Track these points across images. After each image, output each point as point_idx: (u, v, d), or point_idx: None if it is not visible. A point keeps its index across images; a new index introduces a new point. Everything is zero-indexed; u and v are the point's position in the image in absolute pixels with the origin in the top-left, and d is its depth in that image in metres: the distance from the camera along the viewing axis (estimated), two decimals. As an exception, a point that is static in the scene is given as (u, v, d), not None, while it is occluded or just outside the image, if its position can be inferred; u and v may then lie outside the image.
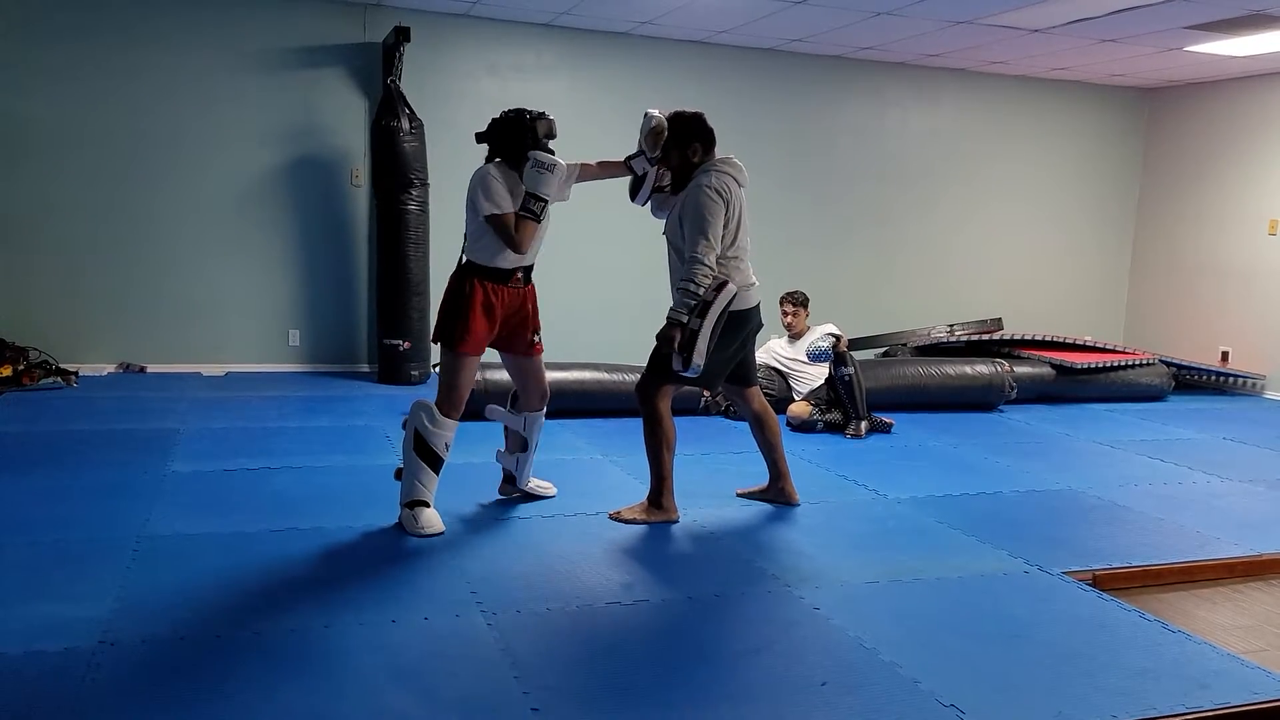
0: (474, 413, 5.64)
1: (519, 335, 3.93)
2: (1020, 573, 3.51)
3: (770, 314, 6.51)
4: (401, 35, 6.48)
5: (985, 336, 7.55)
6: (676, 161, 3.95)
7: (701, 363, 3.73)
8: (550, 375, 5.86)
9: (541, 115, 3.82)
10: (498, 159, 3.82)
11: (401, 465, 3.77)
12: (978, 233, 8.73)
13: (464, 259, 3.82)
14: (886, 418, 5.95)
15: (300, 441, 5.02)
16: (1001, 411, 6.71)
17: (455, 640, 2.78)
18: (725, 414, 6.13)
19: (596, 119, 7.54)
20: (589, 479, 4.56)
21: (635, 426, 5.71)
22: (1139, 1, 5.87)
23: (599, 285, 7.68)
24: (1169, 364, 7.67)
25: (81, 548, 3.37)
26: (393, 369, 6.76)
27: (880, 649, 2.82)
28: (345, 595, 3.06)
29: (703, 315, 3.75)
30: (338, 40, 6.92)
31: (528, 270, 3.95)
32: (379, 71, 6.87)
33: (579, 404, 5.92)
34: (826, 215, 8.20)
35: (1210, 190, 8.48)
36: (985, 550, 3.74)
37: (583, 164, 4.08)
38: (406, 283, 6.72)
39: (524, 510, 4.00)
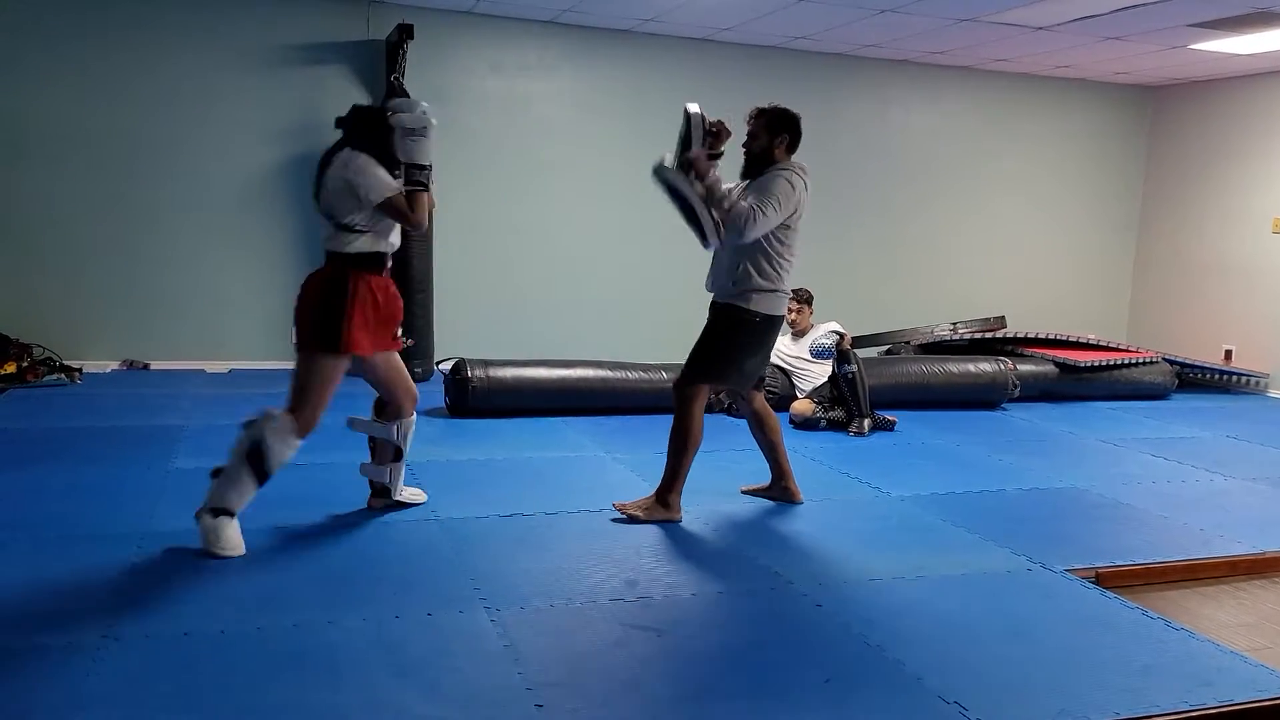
0: (491, 411, 5.66)
1: (389, 329, 3.58)
2: (1023, 570, 3.51)
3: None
4: (404, 33, 6.48)
5: (988, 334, 7.55)
6: (760, 146, 3.92)
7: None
8: (554, 373, 5.92)
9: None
10: (356, 148, 3.45)
11: (223, 465, 3.38)
12: (981, 230, 8.72)
13: (332, 251, 3.47)
14: (889, 415, 5.94)
15: (307, 438, 5.00)
16: (1005, 409, 6.70)
17: (458, 636, 2.78)
18: (728, 412, 6.12)
19: (600, 116, 7.54)
20: (592, 476, 4.56)
21: (638, 424, 5.74)
22: (1143, -1, 5.87)
23: (602, 283, 7.68)
24: (1172, 362, 7.66)
25: (84, 543, 3.38)
26: (396, 366, 6.76)
27: (884, 646, 2.82)
28: (348, 591, 3.07)
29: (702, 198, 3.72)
30: (340, 38, 6.92)
31: (391, 258, 3.61)
32: (382, 69, 6.87)
33: (582, 402, 5.92)
34: (830, 213, 8.16)
35: (1214, 188, 8.47)
36: (988, 548, 3.74)
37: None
38: (410, 280, 6.71)
39: (527, 507, 4.00)
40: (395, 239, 3.59)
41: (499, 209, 7.37)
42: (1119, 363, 7.24)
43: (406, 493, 3.99)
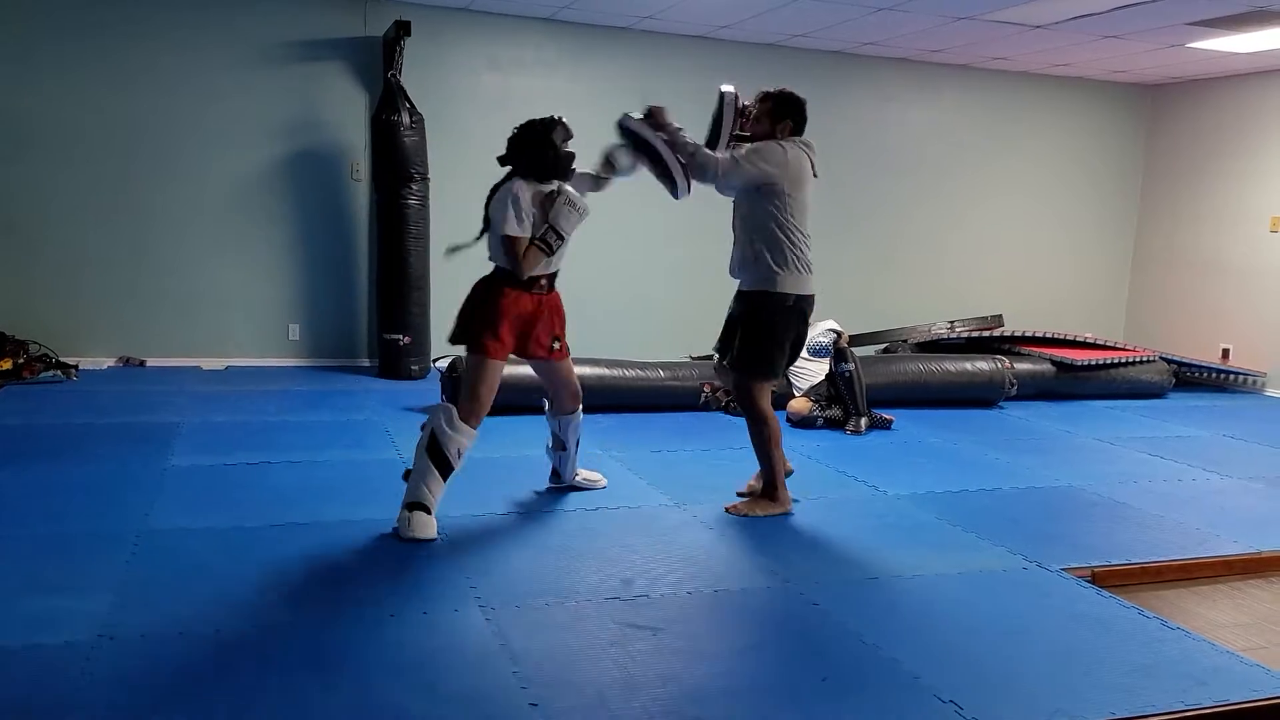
0: (489, 407, 5.65)
1: (537, 340, 3.85)
2: (1019, 569, 3.51)
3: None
4: (402, 29, 6.47)
5: (986, 333, 7.55)
6: (763, 130, 3.94)
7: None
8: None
9: (556, 121, 3.87)
10: (520, 176, 3.82)
11: (411, 466, 3.65)
12: (978, 229, 8.72)
13: (496, 265, 3.84)
14: (887, 414, 5.94)
15: (300, 436, 5.02)
16: (1002, 408, 6.70)
17: (454, 635, 2.78)
18: (725, 410, 6.12)
19: (597, 114, 7.50)
20: (589, 474, 4.55)
21: (635, 422, 5.74)
22: (1141, -3, 5.87)
23: (599, 281, 7.67)
24: (1169, 361, 7.66)
25: (81, 541, 3.37)
26: (392, 364, 6.76)
27: (880, 645, 2.82)
28: (344, 590, 3.06)
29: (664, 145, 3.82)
30: (338, 34, 6.90)
31: (552, 277, 3.94)
32: (379, 66, 6.86)
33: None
34: (827, 211, 8.13)
35: (1211, 187, 8.47)
36: (985, 546, 3.74)
37: (592, 174, 4.13)
38: (406, 278, 6.72)
39: (524, 505, 4.00)
40: (557, 262, 3.87)
41: (496, 206, 7.36)
42: (1116, 361, 7.25)
43: (583, 476, 4.27)
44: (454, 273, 7.15)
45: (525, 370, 5.83)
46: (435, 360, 6.84)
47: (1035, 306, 8.77)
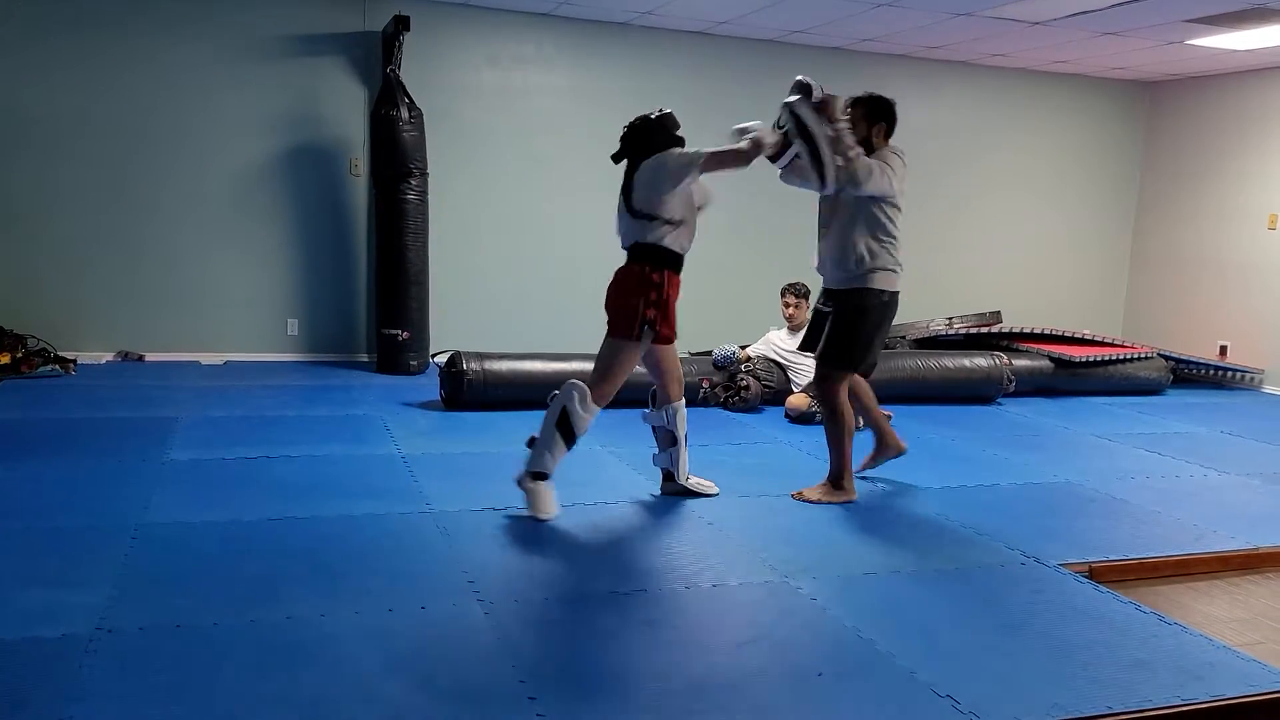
0: (487, 403, 5.66)
1: (672, 321, 3.91)
2: (1017, 564, 3.52)
3: (771, 305, 6.52)
4: (401, 24, 6.46)
5: (984, 329, 7.55)
6: (860, 135, 4.02)
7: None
8: (550, 366, 5.91)
9: (667, 112, 3.98)
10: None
11: (536, 435, 3.82)
12: (977, 225, 8.72)
13: (639, 248, 3.84)
14: (885, 410, 5.92)
15: (299, 430, 5.02)
16: (1000, 404, 6.71)
17: (452, 629, 2.78)
18: (724, 405, 6.13)
19: (597, 110, 7.52)
20: (588, 470, 4.55)
21: (634, 417, 5.71)
22: (1141, -6, 5.87)
23: (599, 276, 7.64)
24: (1167, 358, 7.67)
25: (79, 535, 3.37)
26: (391, 359, 6.76)
27: (877, 640, 2.82)
28: (342, 584, 3.07)
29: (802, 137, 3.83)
30: (337, 29, 6.90)
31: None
32: (379, 61, 6.86)
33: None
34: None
35: (1210, 184, 8.47)
36: (982, 542, 3.75)
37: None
38: (405, 273, 6.71)
39: (522, 500, 3.99)
40: (688, 243, 3.90)
41: (495, 202, 7.37)
42: (1114, 358, 7.25)
43: (695, 481, 4.20)
44: (452, 268, 7.20)
45: (534, 366, 5.88)
46: (434, 355, 6.85)
47: (1033, 303, 8.78)
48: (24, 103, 6.39)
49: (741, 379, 6.11)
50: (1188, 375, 7.97)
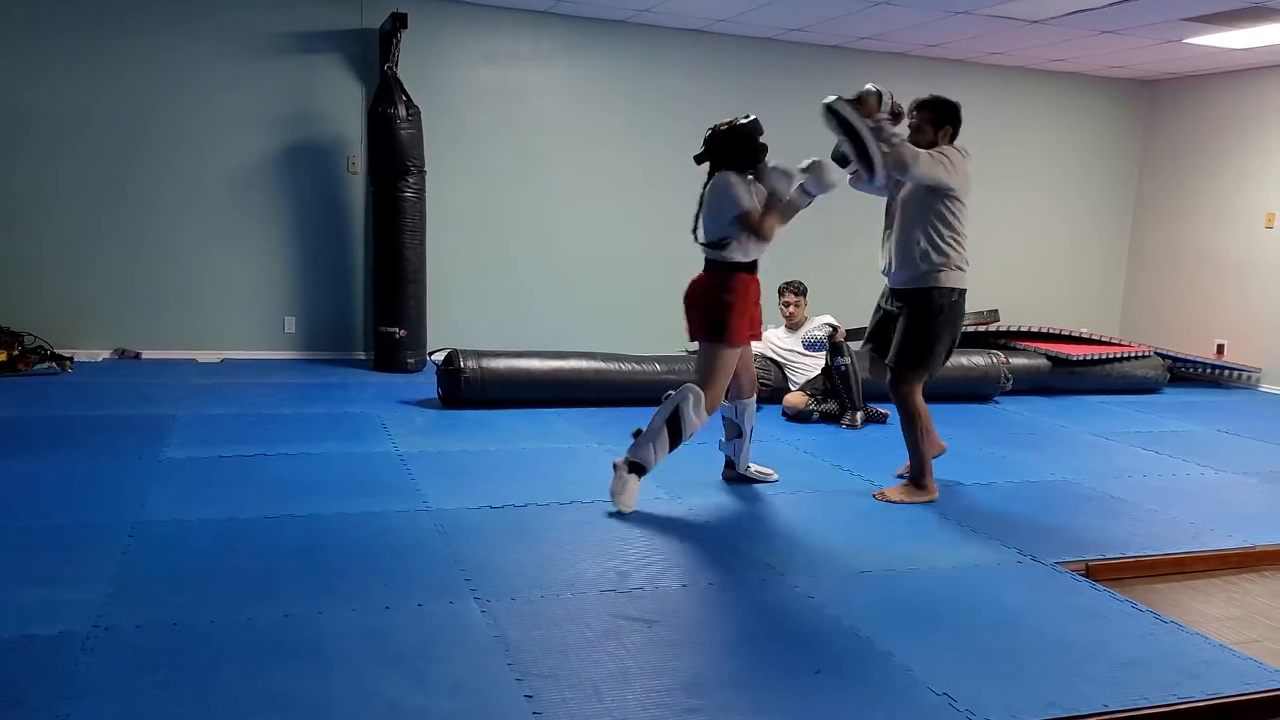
0: (484, 402, 5.66)
1: (753, 322, 4.06)
2: (1014, 563, 3.52)
3: (769, 303, 6.51)
4: (398, 22, 6.46)
5: (981, 328, 7.55)
6: (927, 140, 4.10)
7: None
8: (547, 364, 5.92)
9: (753, 119, 4.07)
10: (723, 169, 3.99)
11: (643, 428, 3.93)
12: (975, 223, 8.62)
13: (715, 258, 3.98)
14: (881, 408, 5.94)
15: (295, 428, 5.01)
16: (997, 403, 6.71)
17: (449, 627, 2.78)
18: (721, 404, 6.12)
19: (594, 107, 7.52)
20: (585, 468, 4.55)
21: (631, 416, 5.70)
22: (1138, -8, 5.87)
23: (597, 274, 7.68)
24: (1164, 356, 7.68)
25: (76, 532, 3.37)
26: (388, 356, 6.75)
27: (874, 638, 2.82)
28: (339, 582, 3.06)
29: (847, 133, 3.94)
30: (334, 26, 6.89)
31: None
32: (376, 58, 6.85)
33: (576, 393, 5.91)
34: (824, 205, 8.14)
35: (1207, 183, 8.48)
36: (979, 540, 3.75)
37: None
38: (403, 270, 6.71)
39: (519, 498, 4.00)
40: (756, 250, 4.03)
41: (492, 199, 7.36)
42: (1111, 356, 7.26)
43: (755, 468, 4.40)
44: (449, 266, 7.19)
45: (532, 364, 5.88)
46: (431, 353, 6.84)
47: (1031, 301, 8.77)
48: (22, 101, 6.38)
49: (739, 377, 6.10)
50: (1185, 374, 7.98)
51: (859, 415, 5.76)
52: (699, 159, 4.07)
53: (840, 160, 4.11)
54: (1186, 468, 5.08)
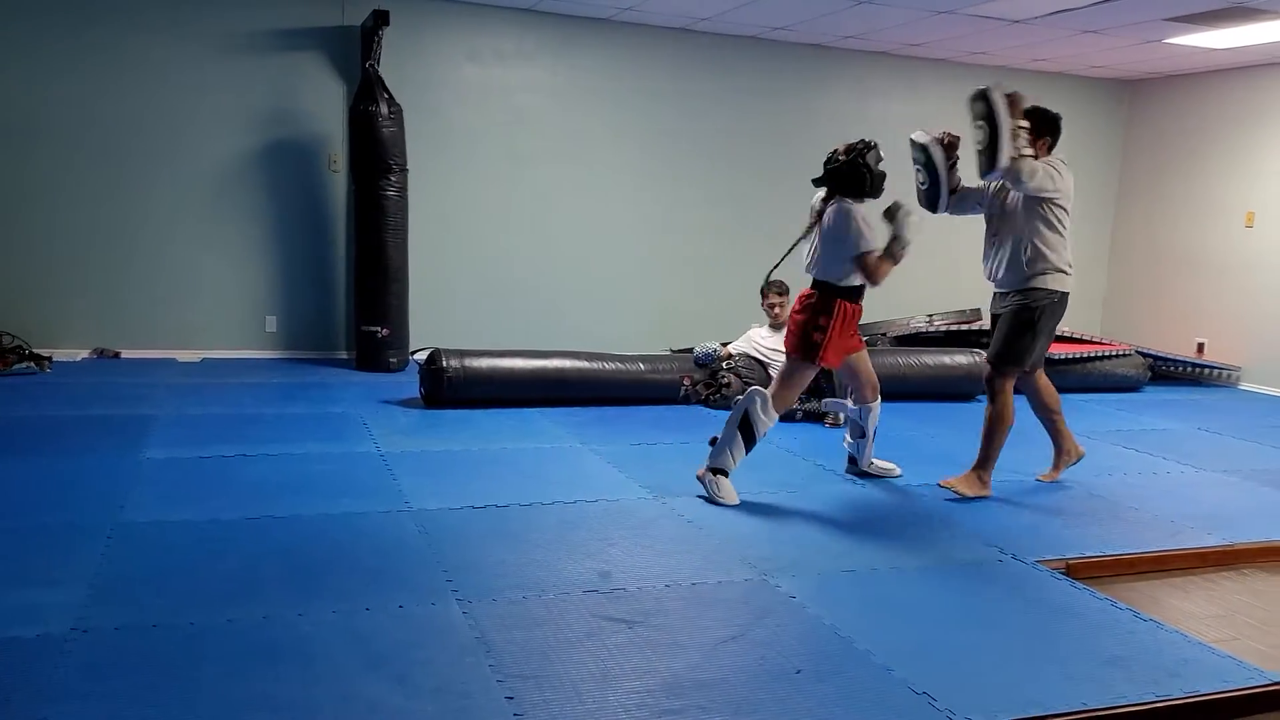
0: (467, 401, 5.64)
1: (855, 337, 4.35)
2: (995, 561, 3.54)
3: (753, 302, 6.52)
4: (380, 19, 6.42)
5: (964, 327, 7.58)
6: (1028, 146, 4.20)
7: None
8: (530, 364, 5.91)
9: (873, 145, 4.20)
10: (837, 196, 4.18)
11: (718, 435, 4.15)
12: (957, 223, 8.69)
13: (823, 281, 4.19)
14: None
15: (277, 428, 4.99)
16: (980, 401, 6.73)
17: (430, 628, 2.77)
18: (705, 403, 6.13)
19: (577, 105, 7.51)
20: (568, 468, 4.55)
21: (615, 415, 5.74)
22: (1119, -7, 5.90)
23: (579, 274, 7.66)
24: (1145, 355, 7.73)
25: (56, 534, 3.34)
26: (371, 356, 6.72)
27: (855, 637, 2.83)
28: (320, 583, 3.05)
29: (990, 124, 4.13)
30: (315, 24, 6.85)
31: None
32: (357, 56, 6.81)
33: (559, 392, 5.90)
34: (807, 204, 8.17)
35: (1188, 182, 8.53)
36: (960, 539, 3.77)
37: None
38: (385, 269, 6.68)
39: (502, 498, 3.99)
40: (876, 285, 4.25)
41: (475, 198, 7.34)
42: (1093, 355, 7.30)
43: (878, 465, 4.63)
44: (432, 265, 7.17)
45: (515, 364, 5.86)
46: (413, 352, 6.82)
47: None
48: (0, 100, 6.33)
49: (723, 376, 6.11)
50: (1165, 372, 8.03)
51: (841, 415, 5.76)
52: (818, 182, 4.26)
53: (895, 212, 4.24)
54: (1167, 466, 5.12)
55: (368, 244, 6.66)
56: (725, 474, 4.11)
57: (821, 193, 4.28)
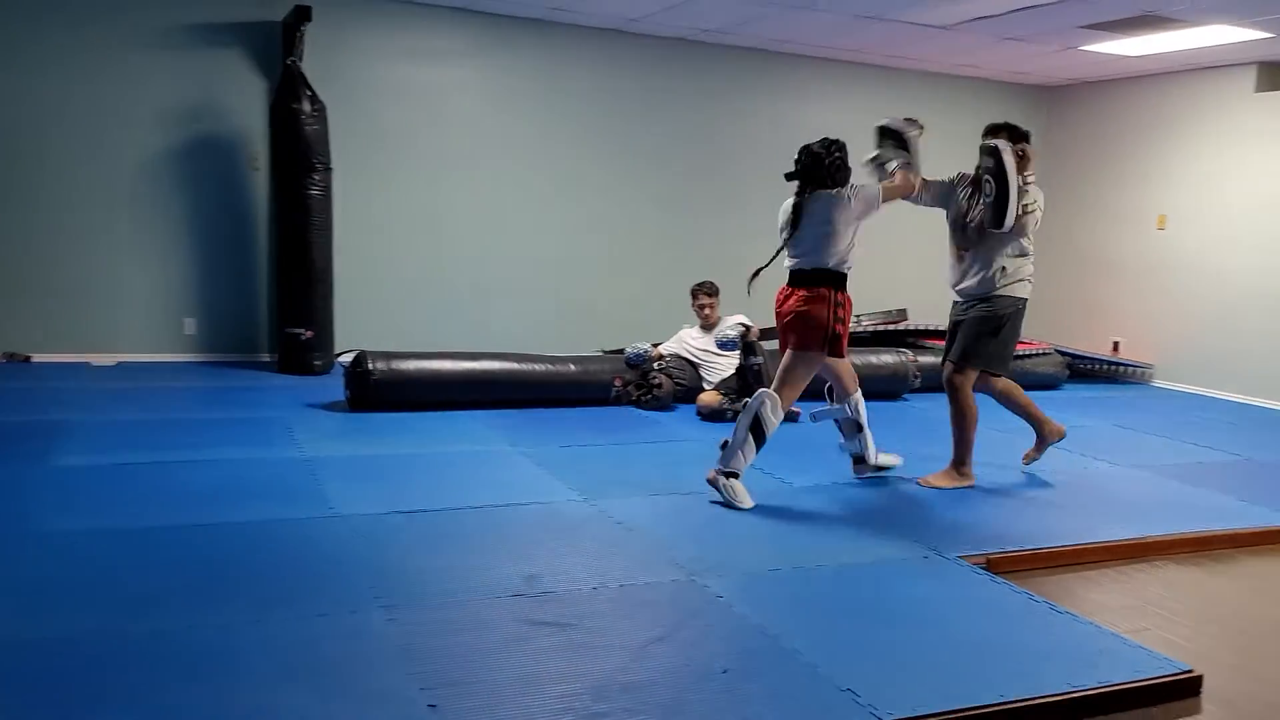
0: (394, 404, 5.55)
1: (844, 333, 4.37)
2: (919, 558, 3.59)
3: (683, 303, 6.54)
4: (301, 15, 6.29)
5: (890, 327, 7.70)
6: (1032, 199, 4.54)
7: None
8: (460, 365, 5.85)
9: (840, 142, 4.41)
10: (812, 189, 4.33)
11: (729, 439, 4.19)
12: (885, 225, 8.81)
13: (816, 271, 4.24)
14: (794, 407, 5.99)
15: (197, 434, 4.85)
16: (906, 400, 6.85)
17: (353, 637, 2.72)
18: (636, 403, 6.13)
19: (509, 105, 7.45)
20: (498, 471, 4.50)
21: (546, 417, 5.70)
22: (1035, 0, 6.04)
23: (510, 275, 7.60)
24: (1064, 354, 7.94)
25: (-46, 547, 3.20)
26: (294, 358, 6.58)
27: (781, 636, 2.85)
28: (242, 592, 2.97)
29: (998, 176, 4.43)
30: (235, 19, 6.69)
31: None
32: (279, 52, 6.66)
33: (489, 394, 5.85)
34: (743, 207, 8.22)
35: (1104, 186, 8.79)
36: (886, 537, 3.82)
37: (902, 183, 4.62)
38: (309, 270, 6.55)
39: (430, 503, 3.93)
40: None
41: (403, 198, 7.24)
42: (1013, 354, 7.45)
43: (883, 457, 4.66)
44: (359, 265, 7.05)
45: (444, 365, 5.79)
46: (338, 355, 6.70)
47: (938, 301, 8.93)
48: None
49: (654, 377, 6.12)
50: (1083, 370, 8.26)
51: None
52: (790, 177, 4.36)
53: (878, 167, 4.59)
54: (1084, 462, 5.26)
55: (291, 244, 6.53)
56: (737, 476, 4.15)
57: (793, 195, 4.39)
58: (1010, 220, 4.33)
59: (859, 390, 4.54)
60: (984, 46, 7.46)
